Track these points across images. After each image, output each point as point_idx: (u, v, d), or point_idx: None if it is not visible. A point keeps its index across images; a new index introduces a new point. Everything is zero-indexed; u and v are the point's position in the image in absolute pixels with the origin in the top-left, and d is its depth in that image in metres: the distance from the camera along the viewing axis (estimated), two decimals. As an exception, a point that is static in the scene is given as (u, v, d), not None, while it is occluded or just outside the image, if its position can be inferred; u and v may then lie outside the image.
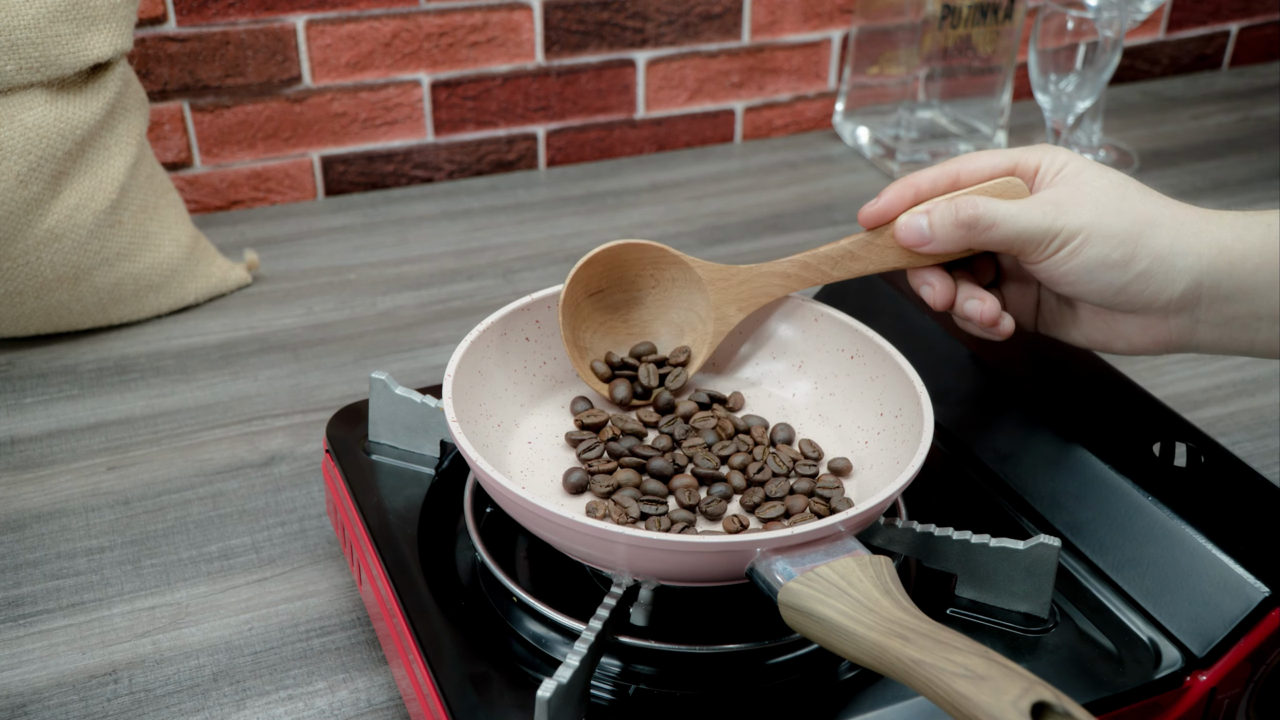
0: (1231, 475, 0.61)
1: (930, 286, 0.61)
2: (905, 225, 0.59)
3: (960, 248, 0.59)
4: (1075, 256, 0.56)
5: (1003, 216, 0.56)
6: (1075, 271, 0.56)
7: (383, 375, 0.66)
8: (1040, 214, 0.56)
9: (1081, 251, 0.56)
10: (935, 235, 0.58)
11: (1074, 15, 1.05)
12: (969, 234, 0.57)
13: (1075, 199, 0.56)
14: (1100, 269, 0.56)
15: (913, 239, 0.59)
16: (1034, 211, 0.56)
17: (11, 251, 0.83)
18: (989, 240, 0.57)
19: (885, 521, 0.58)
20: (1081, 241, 0.55)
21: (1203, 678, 0.54)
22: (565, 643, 0.55)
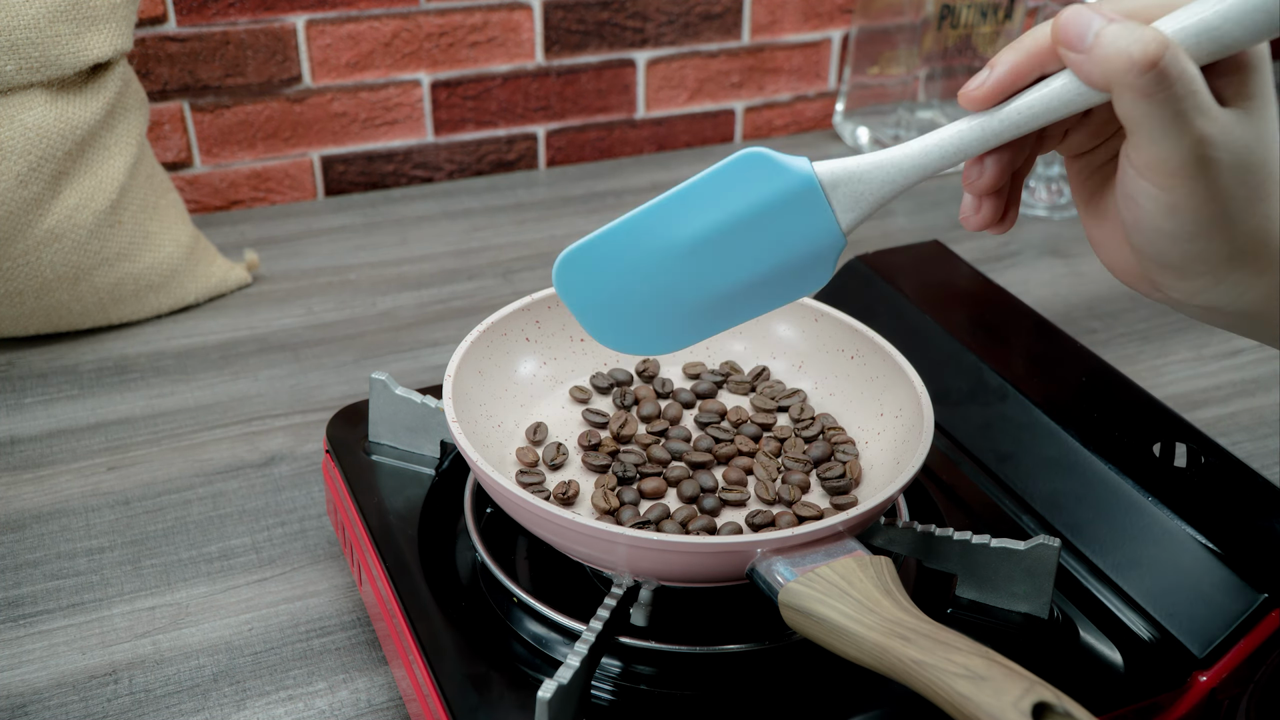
0: (1232, 476, 0.61)
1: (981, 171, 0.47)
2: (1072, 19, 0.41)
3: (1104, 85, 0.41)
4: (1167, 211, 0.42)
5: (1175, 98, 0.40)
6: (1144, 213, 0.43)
7: (383, 375, 0.66)
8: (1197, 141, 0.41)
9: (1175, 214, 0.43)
10: (1095, 50, 0.41)
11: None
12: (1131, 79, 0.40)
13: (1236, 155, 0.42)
14: (1167, 237, 0.43)
15: (1071, 35, 0.41)
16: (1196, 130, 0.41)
17: (11, 251, 0.83)
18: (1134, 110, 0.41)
19: (885, 522, 0.58)
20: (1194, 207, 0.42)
21: (1203, 678, 0.54)
22: (565, 643, 0.55)
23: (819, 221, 0.48)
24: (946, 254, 0.81)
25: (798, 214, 0.48)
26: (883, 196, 0.48)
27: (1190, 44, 0.41)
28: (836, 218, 0.48)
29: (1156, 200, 0.42)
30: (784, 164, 0.48)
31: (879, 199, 0.48)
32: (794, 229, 0.48)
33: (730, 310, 0.51)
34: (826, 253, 0.49)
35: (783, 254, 0.49)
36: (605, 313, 0.52)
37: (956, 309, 0.74)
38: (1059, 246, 1.06)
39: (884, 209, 1.13)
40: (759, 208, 0.48)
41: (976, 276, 0.79)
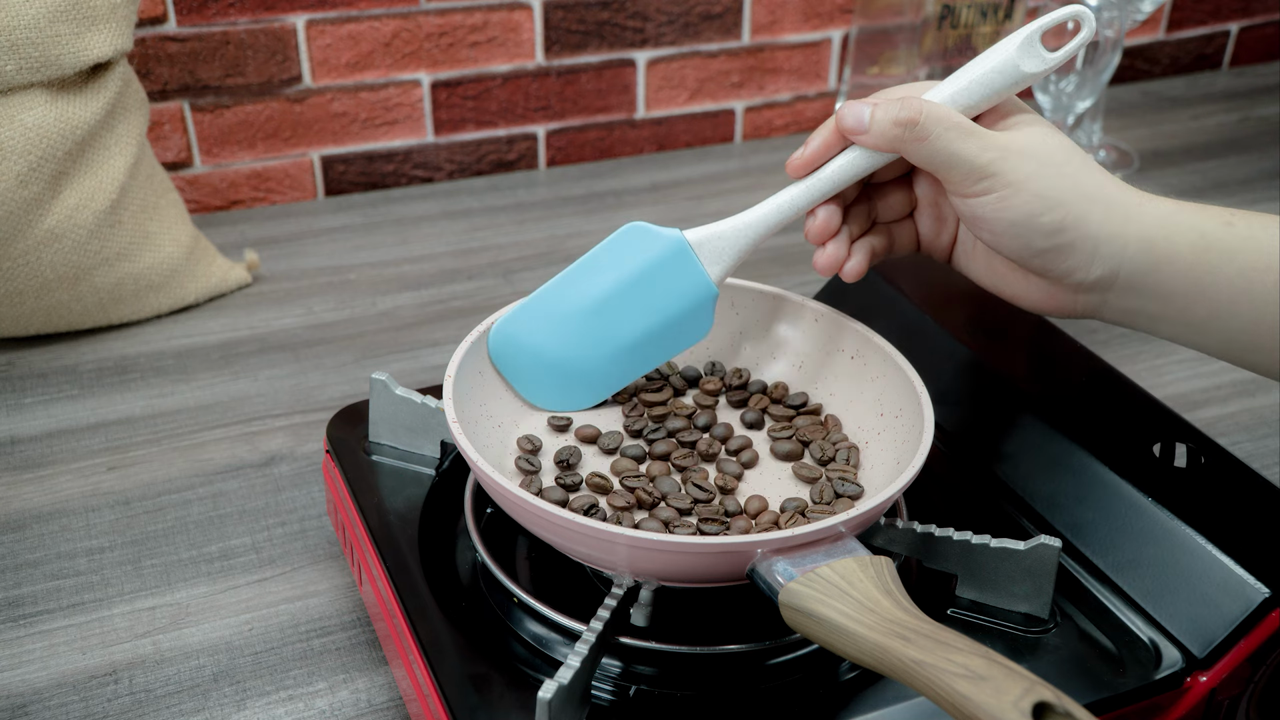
0: (1231, 475, 0.61)
1: (813, 218, 0.59)
2: (848, 110, 0.56)
3: (890, 148, 0.55)
4: (1002, 205, 0.53)
5: (941, 132, 0.54)
6: (998, 221, 0.54)
7: (383, 375, 0.66)
8: (979, 148, 0.54)
9: (1009, 202, 0.53)
10: (872, 128, 0.55)
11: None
12: (903, 136, 0.54)
13: (1021, 148, 0.54)
14: (1023, 227, 0.53)
15: (850, 124, 0.56)
16: (973, 142, 0.54)
17: (11, 251, 0.83)
18: (919, 152, 0.54)
19: (886, 522, 0.58)
20: (1012, 192, 0.53)
21: (1203, 678, 0.54)
22: (566, 643, 0.55)
23: (693, 275, 0.61)
24: (946, 254, 0.81)
25: (675, 270, 0.60)
26: (740, 250, 0.61)
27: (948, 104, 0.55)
28: (706, 270, 0.60)
29: (987, 204, 0.54)
30: (658, 231, 0.60)
31: (737, 252, 0.61)
32: (675, 283, 0.60)
33: (635, 362, 0.63)
34: (705, 301, 0.61)
35: (670, 306, 0.61)
36: (532, 375, 0.63)
37: (956, 309, 0.74)
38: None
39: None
40: (644, 269, 0.60)
41: (976, 276, 0.79)
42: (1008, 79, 0.55)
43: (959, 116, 0.54)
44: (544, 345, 0.62)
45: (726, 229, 0.61)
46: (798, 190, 0.59)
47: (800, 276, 1.01)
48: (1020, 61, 0.55)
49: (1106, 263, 0.53)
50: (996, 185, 0.53)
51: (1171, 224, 0.53)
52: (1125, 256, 0.53)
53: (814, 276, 1.01)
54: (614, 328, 0.62)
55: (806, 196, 0.58)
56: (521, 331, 0.62)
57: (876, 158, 0.57)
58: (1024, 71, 0.55)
